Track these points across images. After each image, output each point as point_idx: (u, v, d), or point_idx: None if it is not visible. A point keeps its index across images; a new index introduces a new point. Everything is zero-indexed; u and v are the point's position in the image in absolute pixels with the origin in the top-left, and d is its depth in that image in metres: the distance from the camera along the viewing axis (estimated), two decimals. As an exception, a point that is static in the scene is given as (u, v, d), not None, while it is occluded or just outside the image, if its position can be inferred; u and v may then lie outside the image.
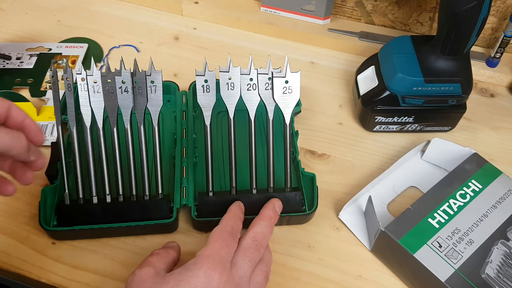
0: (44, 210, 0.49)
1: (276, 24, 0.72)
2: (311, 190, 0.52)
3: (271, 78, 0.47)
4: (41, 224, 0.48)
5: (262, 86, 0.47)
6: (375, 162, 0.58)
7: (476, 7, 0.49)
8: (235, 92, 0.48)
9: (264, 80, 0.47)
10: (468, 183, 0.51)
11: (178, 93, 0.61)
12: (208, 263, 0.40)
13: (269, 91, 0.48)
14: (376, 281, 0.49)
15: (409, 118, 0.59)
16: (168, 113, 0.60)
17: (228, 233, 0.43)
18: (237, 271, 0.41)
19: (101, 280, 0.47)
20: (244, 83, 0.47)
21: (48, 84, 0.64)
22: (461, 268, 0.44)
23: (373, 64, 0.60)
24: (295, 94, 0.48)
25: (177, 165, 0.53)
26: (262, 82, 0.47)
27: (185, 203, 0.51)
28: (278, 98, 0.48)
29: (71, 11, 0.75)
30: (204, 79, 0.47)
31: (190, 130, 0.57)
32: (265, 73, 0.47)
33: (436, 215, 0.48)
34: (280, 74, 0.47)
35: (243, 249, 0.43)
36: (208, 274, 0.39)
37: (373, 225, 0.49)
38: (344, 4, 0.72)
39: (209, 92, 0.47)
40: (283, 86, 0.47)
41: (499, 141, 0.61)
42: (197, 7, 0.73)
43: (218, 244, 0.41)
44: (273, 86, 0.47)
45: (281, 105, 0.48)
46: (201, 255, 0.40)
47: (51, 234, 0.50)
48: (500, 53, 0.66)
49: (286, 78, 0.47)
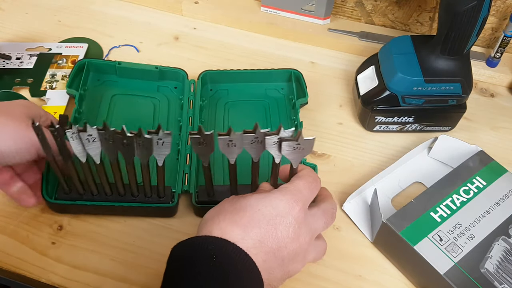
0: (47, 182, 0.50)
1: (276, 24, 0.72)
2: None
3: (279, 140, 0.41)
4: (43, 196, 0.49)
5: (270, 144, 0.41)
6: (375, 162, 0.58)
7: (476, 7, 0.49)
8: (237, 148, 0.42)
9: (272, 140, 0.41)
10: (473, 180, 0.51)
11: (186, 81, 0.61)
12: (292, 195, 0.40)
13: (277, 145, 0.41)
14: (376, 281, 0.49)
15: (409, 118, 0.59)
16: (175, 100, 0.61)
17: (312, 178, 0.43)
18: (313, 222, 0.41)
19: (101, 280, 0.47)
20: (247, 140, 0.41)
21: (48, 84, 0.64)
22: (461, 262, 0.45)
23: (373, 64, 0.60)
24: (307, 152, 0.41)
25: (181, 152, 0.54)
26: (269, 142, 0.41)
27: (187, 189, 0.51)
28: (287, 154, 0.41)
29: (71, 11, 0.75)
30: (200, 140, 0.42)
31: (197, 119, 0.57)
32: (274, 135, 0.40)
33: (439, 209, 0.48)
34: (291, 137, 0.40)
35: (324, 209, 0.43)
36: (290, 203, 0.39)
37: (376, 217, 0.49)
38: (344, 4, 0.72)
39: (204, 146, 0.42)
40: (293, 147, 0.40)
41: (499, 141, 0.61)
42: (197, 7, 0.73)
43: (302, 184, 0.41)
44: (282, 146, 0.40)
45: (290, 158, 0.42)
46: (285, 187, 0.41)
47: (53, 207, 0.50)
48: (500, 53, 0.66)
49: (298, 141, 0.40)
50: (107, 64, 0.62)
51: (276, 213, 0.39)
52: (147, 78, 0.62)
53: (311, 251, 0.42)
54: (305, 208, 0.40)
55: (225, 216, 0.39)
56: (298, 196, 0.40)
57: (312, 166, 0.53)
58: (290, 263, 0.39)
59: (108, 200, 0.50)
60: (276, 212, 0.39)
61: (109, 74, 0.62)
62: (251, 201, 0.39)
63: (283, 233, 0.38)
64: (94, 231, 0.51)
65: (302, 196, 0.40)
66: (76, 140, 0.42)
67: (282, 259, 0.39)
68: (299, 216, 0.39)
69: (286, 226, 0.39)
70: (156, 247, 0.50)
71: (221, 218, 0.39)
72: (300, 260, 0.40)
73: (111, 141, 0.42)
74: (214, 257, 0.36)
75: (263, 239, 0.38)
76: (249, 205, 0.39)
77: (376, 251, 0.51)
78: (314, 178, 0.43)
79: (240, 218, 0.38)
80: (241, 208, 0.39)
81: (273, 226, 0.38)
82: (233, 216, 0.38)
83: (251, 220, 0.38)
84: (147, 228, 0.51)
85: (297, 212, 0.39)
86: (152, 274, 0.48)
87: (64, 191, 0.50)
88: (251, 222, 0.38)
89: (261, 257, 0.37)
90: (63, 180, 0.48)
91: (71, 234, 0.50)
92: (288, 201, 0.39)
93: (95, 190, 0.50)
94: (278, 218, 0.39)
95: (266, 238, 0.38)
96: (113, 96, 0.61)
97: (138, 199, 0.50)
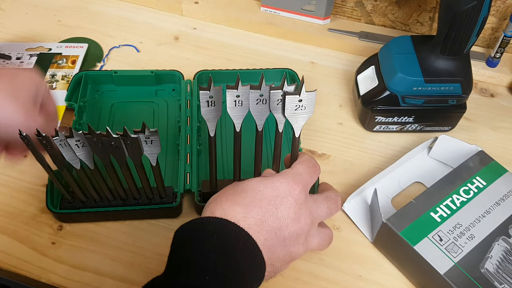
0: (51, 192, 0.50)
1: (276, 24, 0.72)
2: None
3: (284, 95, 0.43)
4: (48, 207, 0.49)
5: (274, 102, 0.43)
6: (375, 162, 0.58)
7: (476, 7, 0.49)
8: (243, 108, 0.44)
9: (276, 96, 0.43)
10: (473, 180, 0.51)
11: (183, 82, 0.62)
12: (293, 177, 0.41)
13: (281, 105, 0.43)
14: (376, 281, 0.49)
15: (409, 118, 0.59)
16: (173, 101, 0.62)
17: (312, 163, 0.44)
18: (314, 205, 0.42)
19: (101, 280, 0.47)
20: (253, 98, 0.43)
21: (49, 84, 0.64)
22: (461, 262, 0.45)
23: (373, 64, 0.60)
24: (308, 111, 0.43)
25: (181, 152, 0.54)
26: (274, 99, 0.43)
27: (189, 188, 0.52)
28: (290, 115, 0.43)
29: (71, 11, 0.75)
30: (209, 95, 0.43)
31: (195, 118, 0.58)
32: (278, 90, 0.42)
33: (439, 209, 0.48)
34: (294, 92, 0.42)
35: (327, 196, 0.44)
36: (291, 185, 0.41)
37: (376, 217, 0.49)
38: (344, 4, 0.72)
39: (214, 106, 0.44)
40: (296, 104, 0.43)
41: (499, 141, 0.61)
42: (197, 7, 0.73)
43: (302, 168, 0.43)
44: (285, 103, 0.42)
45: (292, 121, 0.44)
46: (285, 171, 0.42)
47: (58, 217, 0.50)
48: (500, 53, 0.66)
49: (300, 97, 0.42)
50: (104, 74, 0.62)
51: (277, 194, 0.40)
52: (144, 84, 0.62)
53: (315, 235, 0.43)
54: (305, 191, 0.42)
55: (227, 198, 0.40)
56: (298, 178, 0.41)
57: None
58: (291, 244, 0.40)
59: (111, 205, 0.50)
60: (276, 193, 0.40)
61: (107, 84, 0.63)
62: (252, 184, 0.41)
63: (283, 213, 0.39)
64: (94, 231, 0.51)
65: (302, 179, 0.42)
66: (66, 147, 0.42)
67: (284, 239, 0.39)
68: (299, 197, 0.40)
69: (287, 206, 0.40)
70: (156, 247, 0.50)
71: (223, 200, 0.40)
72: (301, 242, 0.41)
73: (100, 145, 0.42)
74: (215, 235, 0.37)
75: (265, 218, 0.39)
76: (250, 187, 0.40)
77: (376, 251, 0.51)
78: (314, 164, 0.44)
79: (241, 199, 0.39)
80: (242, 190, 0.40)
81: (273, 206, 0.39)
82: (235, 197, 0.40)
83: (253, 200, 0.39)
84: (147, 228, 0.51)
85: (298, 194, 0.40)
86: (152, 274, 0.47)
87: (67, 200, 0.50)
88: (252, 202, 0.39)
89: (263, 235, 0.38)
90: (62, 189, 0.48)
91: (71, 234, 0.50)
92: (288, 183, 0.40)
93: (97, 197, 0.49)
94: (279, 199, 0.40)
95: (267, 217, 0.39)
96: (112, 105, 0.61)
97: (141, 202, 0.50)
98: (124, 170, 0.46)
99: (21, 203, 0.53)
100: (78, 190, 0.48)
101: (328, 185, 0.48)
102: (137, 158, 0.44)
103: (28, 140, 0.41)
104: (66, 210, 0.50)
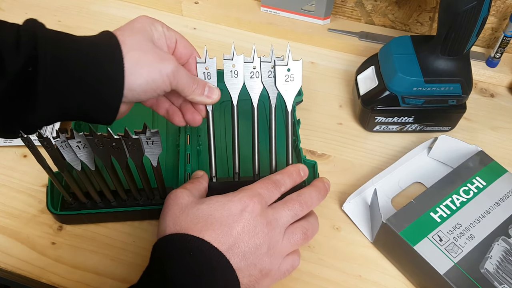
0: (52, 194, 0.50)
1: (276, 24, 0.72)
2: (312, 177, 0.52)
3: (274, 66, 0.48)
4: (48, 208, 0.49)
5: (265, 74, 0.48)
6: (375, 162, 0.58)
7: (476, 7, 0.49)
8: (238, 80, 0.48)
9: (267, 68, 0.48)
10: (472, 180, 0.51)
11: None
12: (245, 193, 0.41)
13: (272, 79, 0.48)
14: (376, 281, 0.49)
15: (409, 118, 0.59)
16: None
17: (271, 181, 0.44)
18: (273, 213, 0.42)
19: (101, 280, 0.47)
20: (247, 71, 0.48)
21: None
22: (461, 262, 0.45)
23: (373, 64, 0.60)
24: (297, 82, 0.48)
25: (181, 153, 0.55)
26: (265, 70, 0.48)
27: None
28: (281, 86, 0.48)
29: (71, 11, 0.75)
30: (204, 66, 0.47)
31: None
32: (268, 61, 0.47)
33: (438, 209, 0.48)
34: (282, 62, 0.47)
35: (285, 200, 0.43)
36: (243, 200, 0.41)
37: (376, 217, 0.49)
38: (344, 4, 0.72)
39: (210, 79, 0.48)
40: (285, 74, 0.47)
41: (499, 141, 0.61)
42: (197, 7, 0.74)
43: (259, 186, 0.43)
44: (276, 74, 0.47)
45: (283, 92, 0.48)
46: (243, 189, 0.42)
47: (58, 218, 0.50)
48: (500, 53, 0.66)
49: (288, 66, 0.47)
50: None
51: (228, 214, 0.40)
52: None
53: (283, 243, 0.42)
54: (261, 203, 0.41)
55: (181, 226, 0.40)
56: (252, 193, 0.41)
57: (312, 163, 0.53)
58: (253, 257, 0.40)
59: (111, 206, 0.50)
60: (228, 213, 0.40)
61: None
62: (204, 210, 0.41)
63: (238, 229, 0.39)
64: (94, 231, 0.51)
65: (257, 193, 0.42)
66: (67, 148, 0.42)
67: (244, 255, 0.39)
68: (254, 210, 0.40)
69: (241, 222, 0.40)
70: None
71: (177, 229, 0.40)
72: (268, 253, 0.41)
73: (101, 146, 0.42)
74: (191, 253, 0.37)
75: (219, 239, 0.39)
76: (202, 213, 0.40)
77: (376, 251, 0.51)
78: (273, 181, 0.44)
79: (194, 225, 0.40)
80: (195, 216, 0.40)
81: (226, 226, 0.39)
82: (188, 224, 0.40)
83: (205, 225, 0.39)
84: (147, 228, 0.51)
85: (251, 207, 0.40)
86: (152, 274, 0.48)
87: (68, 201, 0.50)
88: (204, 227, 0.39)
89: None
90: (63, 190, 0.48)
91: (71, 234, 0.50)
92: (240, 199, 0.41)
93: (98, 198, 0.49)
94: (231, 217, 0.40)
95: (222, 238, 0.39)
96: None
97: (142, 203, 0.50)
98: (125, 171, 0.46)
99: (21, 204, 0.53)
100: (78, 192, 0.48)
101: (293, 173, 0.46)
102: (138, 159, 0.44)
103: (28, 142, 0.41)
104: (66, 211, 0.50)
